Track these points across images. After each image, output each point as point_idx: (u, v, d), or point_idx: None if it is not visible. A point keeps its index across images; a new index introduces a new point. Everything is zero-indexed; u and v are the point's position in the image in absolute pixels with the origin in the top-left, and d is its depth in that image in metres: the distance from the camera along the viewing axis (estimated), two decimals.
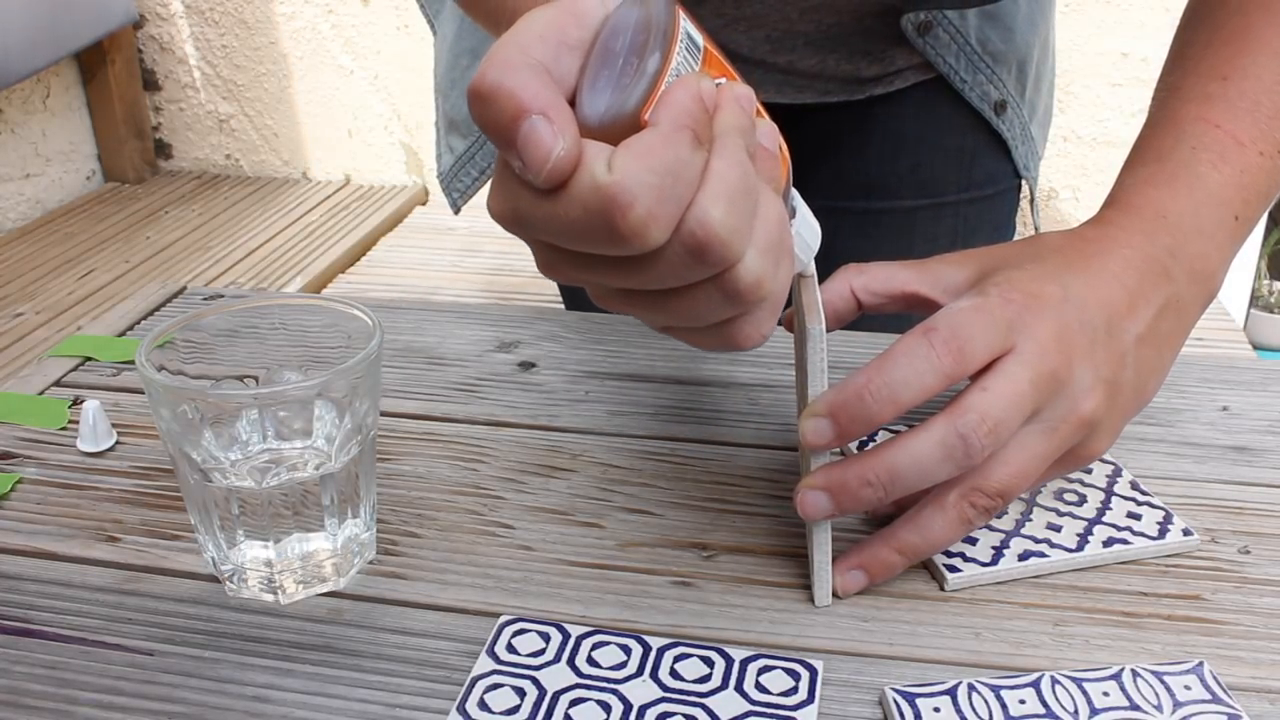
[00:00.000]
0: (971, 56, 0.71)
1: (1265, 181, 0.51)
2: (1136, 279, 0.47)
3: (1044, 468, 0.44)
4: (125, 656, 0.43)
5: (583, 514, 0.51)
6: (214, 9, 2.96)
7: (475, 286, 2.40)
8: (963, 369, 0.43)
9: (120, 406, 0.60)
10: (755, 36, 0.72)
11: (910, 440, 0.42)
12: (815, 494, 0.43)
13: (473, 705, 0.39)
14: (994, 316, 0.44)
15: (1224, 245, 0.50)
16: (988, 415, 0.42)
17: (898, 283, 0.50)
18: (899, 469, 0.42)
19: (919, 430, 0.42)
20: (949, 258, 0.51)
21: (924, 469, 0.42)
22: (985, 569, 0.46)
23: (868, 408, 0.42)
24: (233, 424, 0.45)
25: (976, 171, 0.80)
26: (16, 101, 2.71)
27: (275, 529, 0.44)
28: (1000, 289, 0.45)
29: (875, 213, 0.81)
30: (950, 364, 0.42)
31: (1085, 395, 0.44)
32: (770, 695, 0.40)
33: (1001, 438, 0.42)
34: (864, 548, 0.46)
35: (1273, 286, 2.38)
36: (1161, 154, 0.51)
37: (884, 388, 0.42)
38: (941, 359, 0.42)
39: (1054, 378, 0.43)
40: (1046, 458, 0.44)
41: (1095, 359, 0.45)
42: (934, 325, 0.43)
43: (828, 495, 0.43)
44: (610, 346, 0.66)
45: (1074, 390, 0.44)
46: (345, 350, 0.46)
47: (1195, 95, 0.52)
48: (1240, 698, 0.40)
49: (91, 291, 2.37)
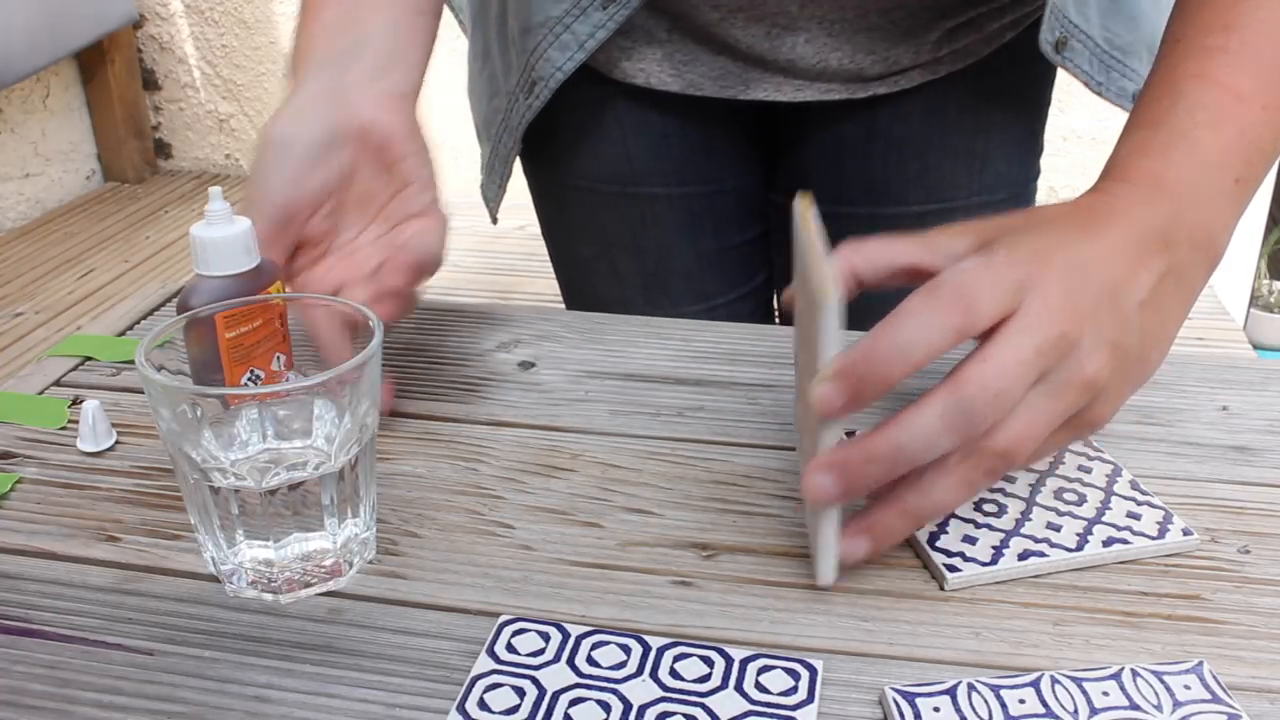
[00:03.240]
0: (1102, 57, 0.70)
1: (1268, 137, 0.50)
2: (1136, 247, 0.46)
3: (1048, 431, 0.44)
4: (125, 656, 0.43)
5: (583, 514, 0.51)
6: (214, 9, 2.96)
7: (475, 286, 2.41)
8: (971, 326, 0.42)
9: (120, 406, 0.60)
10: (754, 32, 0.72)
11: (912, 414, 0.42)
12: (821, 477, 0.43)
13: (472, 705, 0.39)
14: (1001, 275, 0.43)
15: (1224, 210, 0.49)
16: (988, 385, 0.41)
17: (897, 255, 0.50)
18: (902, 443, 0.42)
19: (920, 404, 0.42)
20: (949, 229, 0.50)
21: (927, 442, 0.42)
22: (985, 568, 0.46)
23: (878, 368, 0.41)
24: (232, 424, 0.45)
25: (988, 175, 0.79)
26: (16, 101, 2.71)
27: (275, 529, 0.44)
28: (1008, 250, 0.45)
29: (883, 218, 0.80)
30: (958, 320, 0.42)
31: (1090, 357, 0.43)
32: (770, 695, 0.40)
33: (1005, 407, 0.42)
34: (867, 514, 0.45)
35: (1273, 286, 2.38)
36: (1157, 119, 0.51)
37: (893, 348, 0.41)
38: (949, 315, 0.42)
39: (1062, 339, 0.43)
40: (1051, 421, 0.43)
41: (1100, 322, 0.44)
42: (940, 283, 0.43)
43: (833, 476, 0.42)
44: (610, 346, 0.66)
45: (1080, 352, 0.43)
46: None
47: (1195, 49, 0.51)
48: (1240, 698, 0.40)
49: (91, 291, 2.37)
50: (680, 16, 0.72)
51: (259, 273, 0.56)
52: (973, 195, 0.80)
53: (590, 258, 0.88)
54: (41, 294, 2.35)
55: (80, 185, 2.94)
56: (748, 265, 0.89)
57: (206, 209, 0.54)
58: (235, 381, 0.51)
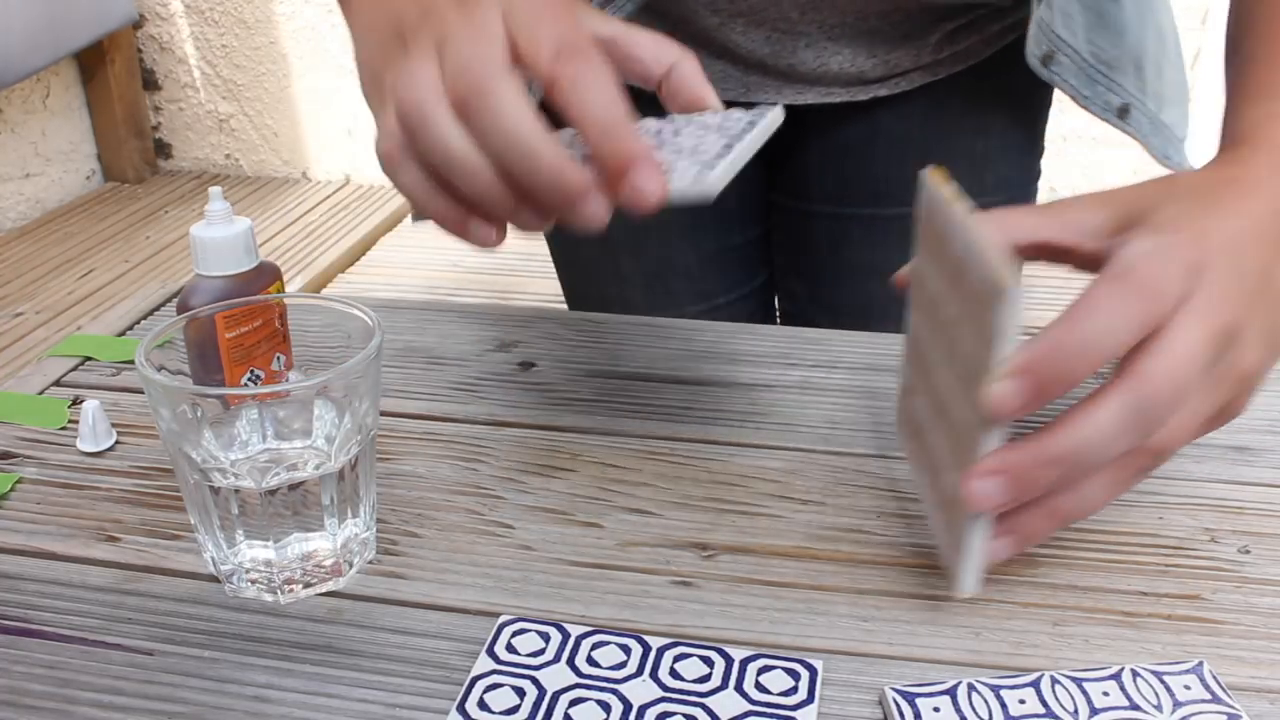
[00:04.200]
0: (1089, 71, 0.69)
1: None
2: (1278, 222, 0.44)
3: (1200, 424, 0.42)
4: (125, 656, 0.43)
5: (583, 514, 0.51)
6: (214, 9, 2.96)
7: (475, 286, 2.41)
8: (1159, 317, 0.40)
9: (120, 406, 0.60)
10: (754, 37, 0.72)
11: (1088, 413, 0.39)
12: (988, 482, 0.40)
13: (472, 705, 0.39)
14: (1180, 259, 0.41)
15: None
16: (1171, 380, 0.39)
17: (1026, 229, 0.47)
18: (1081, 445, 0.39)
19: (1094, 402, 0.39)
20: (1078, 200, 0.47)
21: (1106, 442, 0.39)
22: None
23: (1066, 363, 0.39)
24: (232, 424, 0.45)
25: (989, 176, 0.79)
26: (16, 101, 2.71)
27: (275, 529, 0.44)
28: (1174, 229, 0.42)
29: (884, 220, 0.80)
30: (1148, 310, 0.40)
31: (1251, 348, 0.42)
32: (770, 695, 0.40)
33: (1183, 403, 0.40)
34: (1015, 515, 0.42)
35: None
36: (1275, 90, 0.50)
37: (1080, 342, 0.39)
38: (1139, 305, 0.40)
39: (1229, 329, 0.41)
40: (1205, 414, 0.42)
41: (1259, 309, 0.42)
42: (1122, 272, 0.40)
43: (1004, 481, 0.40)
44: (610, 346, 0.66)
45: (1243, 343, 0.41)
46: (345, 350, 0.46)
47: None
48: (1240, 698, 0.40)
49: (91, 291, 2.37)
50: (681, 20, 0.72)
51: (259, 273, 0.56)
52: (974, 197, 0.79)
53: (592, 258, 0.88)
54: (41, 294, 2.35)
55: (80, 185, 2.94)
56: (749, 265, 0.89)
57: (206, 209, 0.54)
58: (235, 381, 0.51)
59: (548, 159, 0.39)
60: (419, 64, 0.41)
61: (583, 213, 0.41)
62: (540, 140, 0.39)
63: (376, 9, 0.47)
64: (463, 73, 0.40)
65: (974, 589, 0.42)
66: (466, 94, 0.40)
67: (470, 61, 0.40)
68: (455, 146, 0.40)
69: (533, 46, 0.40)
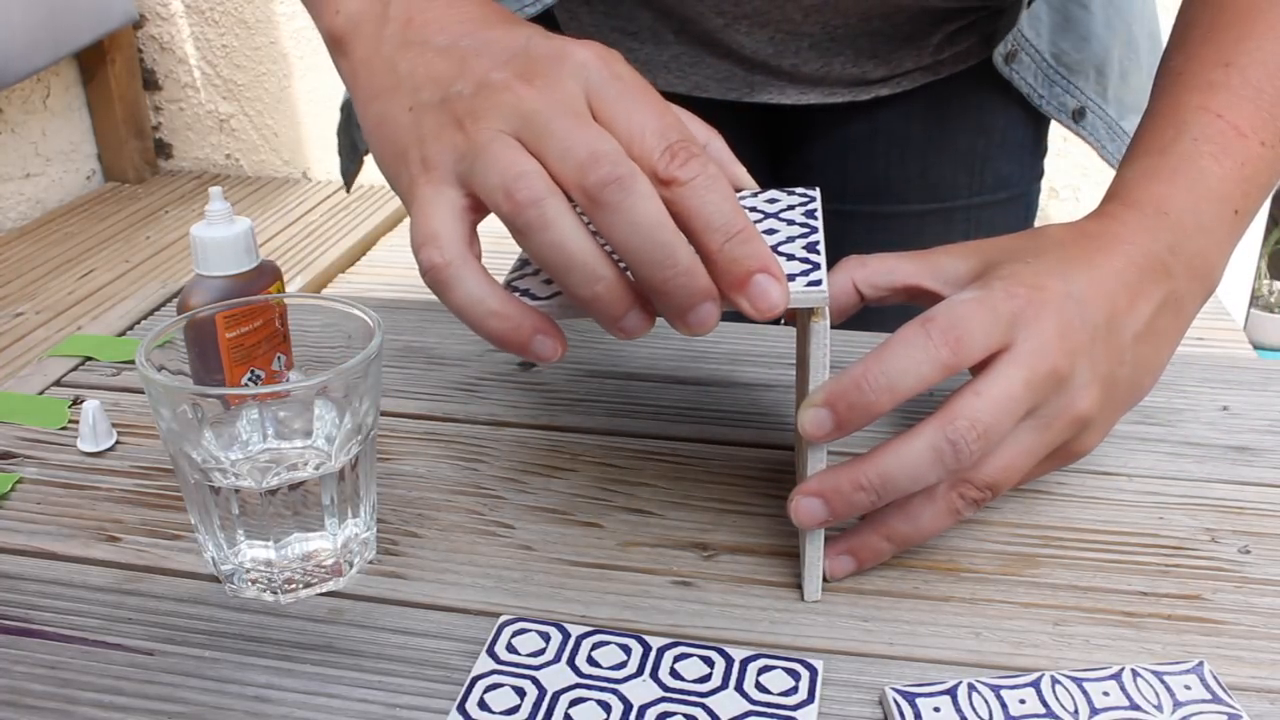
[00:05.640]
0: (1047, 71, 0.71)
1: (1266, 173, 0.51)
2: (1137, 276, 0.47)
3: (1034, 463, 0.44)
4: (125, 656, 0.43)
5: (583, 514, 0.51)
6: (214, 9, 2.96)
7: None
8: (960, 361, 0.43)
9: (120, 406, 0.60)
10: (758, 38, 0.72)
11: (901, 444, 0.42)
12: (809, 500, 0.43)
13: (473, 705, 0.39)
14: (996, 310, 0.44)
15: (1223, 241, 0.50)
16: (978, 421, 0.42)
17: (899, 275, 0.50)
18: (890, 473, 0.42)
19: (910, 434, 0.42)
20: (951, 249, 0.50)
21: (915, 473, 0.42)
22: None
23: (865, 396, 0.42)
24: (233, 424, 0.45)
25: (988, 175, 0.79)
26: (16, 101, 2.71)
27: (275, 529, 0.44)
28: (1004, 282, 0.45)
29: (884, 216, 0.81)
30: (948, 355, 0.42)
31: (1081, 393, 0.44)
32: (770, 695, 0.40)
33: (992, 442, 0.42)
34: (854, 534, 0.46)
35: (1273, 286, 2.38)
36: (1164, 146, 0.51)
37: (881, 376, 0.42)
38: (939, 350, 0.42)
39: (1053, 375, 0.43)
40: (1037, 453, 0.44)
41: (1094, 356, 0.45)
42: (934, 316, 0.43)
43: (822, 501, 0.43)
44: (610, 346, 0.66)
45: (1071, 388, 0.44)
46: (345, 350, 0.46)
47: (1198, 83, 0.52)
48: (1240, 698, 0.40)
49: (91, 291, 2.37)
50: (687, 20, 0.72)
51: (259, 273, 0.56)
52: (974, 195, 0.80)
53: None
54: (41, 294, 2.35)
55: (80, 185, 2.94)
56: None
57: (207, 209, 0.54)
58: (235, 381, 0.51)
59: (685, 259, 0.38)
60: (507, 152, 0.38)
61: (697, 316, 0.39)
62: (679, 238, 0.38)
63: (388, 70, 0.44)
64: (592, 164, 0.37)
65: (816, 595, 0.45)
66: (598, 188, 0.37)
67: (594, 151, 0.37)
68: (581, 247, 0.38)
69: (640, 141, 0.38)
